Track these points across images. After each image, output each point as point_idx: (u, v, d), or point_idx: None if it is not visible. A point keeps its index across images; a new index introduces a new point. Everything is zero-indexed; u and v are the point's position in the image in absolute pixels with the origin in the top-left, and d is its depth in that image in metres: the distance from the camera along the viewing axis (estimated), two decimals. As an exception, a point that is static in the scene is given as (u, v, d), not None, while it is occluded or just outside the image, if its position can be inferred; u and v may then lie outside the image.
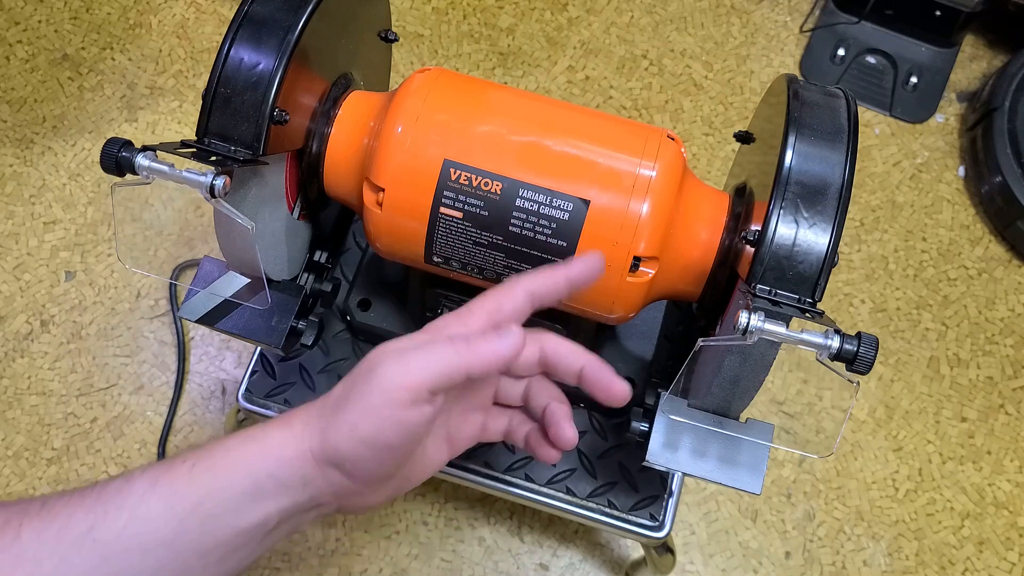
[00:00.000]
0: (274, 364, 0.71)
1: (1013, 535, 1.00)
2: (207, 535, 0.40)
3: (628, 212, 0.51)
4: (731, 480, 0.54)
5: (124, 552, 0.38)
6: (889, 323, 1.09)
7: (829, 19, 1.26)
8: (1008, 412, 1.05)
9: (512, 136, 0.53)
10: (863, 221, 1.15)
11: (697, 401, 0.55)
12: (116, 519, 0.38)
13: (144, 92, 1.18)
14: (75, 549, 0.38)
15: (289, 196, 0.58)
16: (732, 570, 0.97)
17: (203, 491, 0.40)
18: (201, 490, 0.40)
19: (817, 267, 0.46)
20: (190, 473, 0.40)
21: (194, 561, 0.40)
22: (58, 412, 1.00)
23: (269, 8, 0.51)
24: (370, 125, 0.56)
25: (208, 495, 0.40)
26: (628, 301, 0.54)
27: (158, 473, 0.40)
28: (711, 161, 1.18)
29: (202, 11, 1.24)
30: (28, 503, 0.39)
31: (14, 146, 1.14)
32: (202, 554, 0.40)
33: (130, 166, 0.47)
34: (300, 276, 0.65)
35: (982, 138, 1.15)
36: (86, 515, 0.38)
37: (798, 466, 1.02)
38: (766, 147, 0.54)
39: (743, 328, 0.44)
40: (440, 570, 0.96)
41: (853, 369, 0.44)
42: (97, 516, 0.38)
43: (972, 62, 1.27)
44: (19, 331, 1.04)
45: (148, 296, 1.06)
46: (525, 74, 1.22)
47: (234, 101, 0.49)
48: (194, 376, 1.03)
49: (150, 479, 0.40)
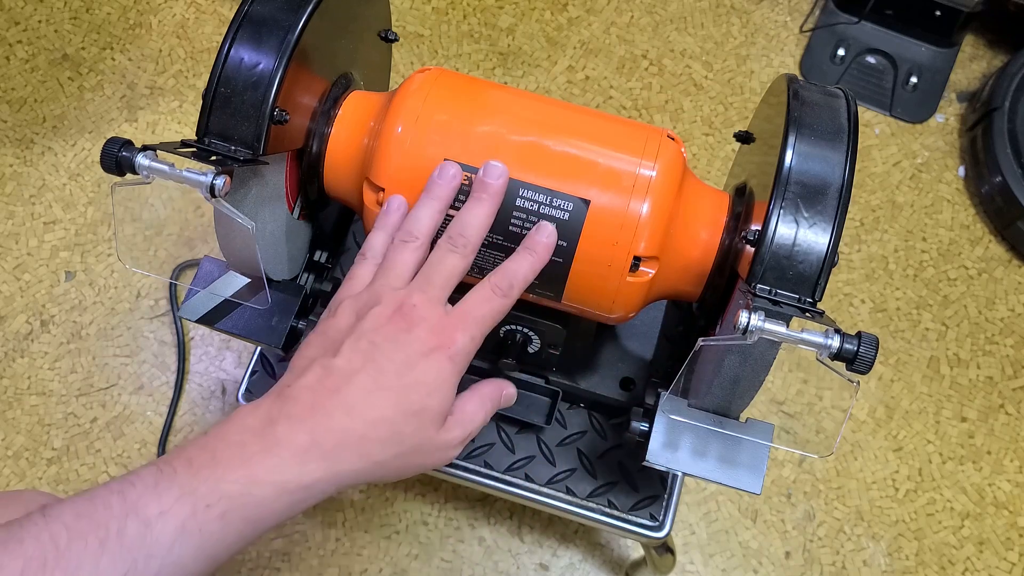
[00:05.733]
0: (274, 364, 0.71)
1: (1013, 535, 1.00)
2: (238, 551, 0.41)
3: (628, 212, 0.52)
4: (731, 480, 0.54)
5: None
6: (889, 323, 1.09)
7: (829, 19, 1.26)
8: (1008, 412, 1.05)
9: (512, 136, 0.53)
10: (863, 221, 1.15)
11: (697, 401, 0.55)
12: (146, 569, 0.38)
13: (144, 92, 1.18)
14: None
15: (289, 196, 0.58)
16: (732, 570, 0.97)
17: (235, 535, 0.40)
18: (233, 534, 0.40)
19: (817, 267, 0.46)
20: (222, 520, 0.40)
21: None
22: (58, 412, 1.00)
23: (269, 8, 0.51)
24: (370, 125, 0.56)
25: (241, 538, 0.41)
26: (628, 301, 0.54)
27: (183, 518, 0.39)
28: (711, 161, 1.18)
29: (202, 11, 1.24)
30: (44, 548, 0.37)
31: (14, 146, 1.14)
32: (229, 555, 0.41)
33: (130, 166, 0.47)
34: (300, 276, 0.65)
35: (982, 138, 1.15)
36: (113, 565, 0.38)
37: (798, 466, 1.02)
38: (766, 147, 0.54)
39: (743, 328, 0.44)
40: (440, 570, 0.96)
41: (853, 369, 0.44)
42: (127, 567, 0.38)
43: (972, 62, 1.27)
44: (19, 331, 1.04)
45: (148, 296, 1.06)
46: (525, 74, 1.22)
47: (234, 101, 0.49)
48: (194, 376, 1.03)
49: (176, 527, 0.39)
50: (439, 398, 0.45)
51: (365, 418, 0.43)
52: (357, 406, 0.43)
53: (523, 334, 0.63)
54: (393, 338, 0.45)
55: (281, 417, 0.42)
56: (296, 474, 0.41)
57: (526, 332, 0.63)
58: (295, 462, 0.41)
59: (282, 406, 0.43)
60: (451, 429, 0.47)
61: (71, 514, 0.38)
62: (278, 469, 0.41)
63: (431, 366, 0.45)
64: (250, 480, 0.40)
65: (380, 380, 0.44)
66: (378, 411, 0.44)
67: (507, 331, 0.63)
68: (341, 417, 0.43)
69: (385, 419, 0.44)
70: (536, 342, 0.64)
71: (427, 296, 0.47)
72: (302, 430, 0.42)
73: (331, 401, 0.43)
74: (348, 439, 0.43)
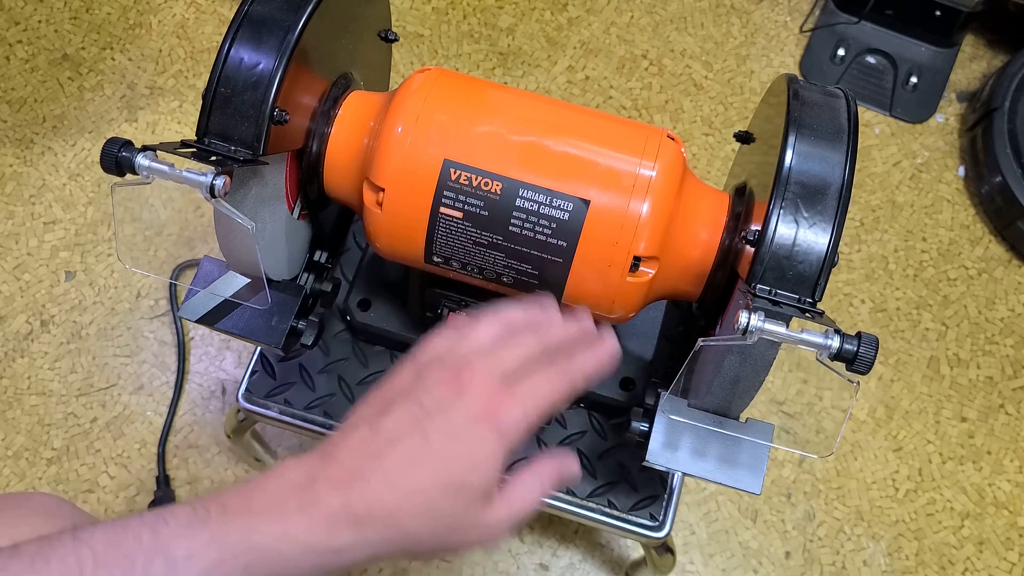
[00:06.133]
0: (274, 364, 0.71)
1: (1013, 535, 1.00)
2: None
3: (628, 212, 0.51)
4: (731, 480, 0.54)
5: None
6: (889, 323, 1.09)
7: (829, 19, 1.26)
8: (1008, 412, 1.05)
9: (512, 136, 0.53)
10: (863, 221, 1.15)
11: (697, 401, 0.55)
12: None
13: (144, 92, 1.18)
14: None
15: (289, 196, 0.58)
16: (732, 570, 0.97)
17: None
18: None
19: (817, 267, 0.46)
20: (246, 572, 0.39)
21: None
22: (58, 412, 1.00)
23: (269, 8, 0.51)
24: (370, 125, 0.56)
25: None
26: (628, 301, 0.54)
27: (209, 565, 0.38)
28: (711, 161, 1.18)
29: (202, 11, 1.24)
30: (70, 571, 0.37)
31: (14, 146, 1.14)
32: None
33: (130, 166, 0.47)
34: (300, 276, 0.65)
35: (982, 138, 1.15)
36: None
37: (798, 466, 1.02)
38: (766, 147, 0.54)
39: (743, 328, 0.44)
40: (440, 570, 0.96)
41: (853, 369, 0.44)
42: None
43: (972, 62, 1.27)
44: (19, 331, 1.04)
45: (148, 296, 1.06)
46: (525, 74, 1.22)
47: (234, 101, 0.49)
48: (194, 376, 1.03)
49: (201, 572, 0.38)
50: (482, 474, 0.42)
51: (402, 488, 0.41)
52: (395, 475, 0.42)
53: (523, 334, 0.63)
54: (443, 403, 0.43)
55: (321, 478, 0.41)
56: (325, 537, 0.40)
57: (526, 332, 0.63)
58: (326, 525, 0.41)
59: (324, 466, 0.42)
60: (497, 509, 0.44)
61: (101, 541, 0.38)
62: (309, 530, 0.40)
63: (477, 439, 0.42)
64: (281, 536, 0.40)
65: (423, 449, 0.42)
66: (416, 482, 0.42)
67: (507, 331, 0.63)
68: (378, 485, 0.41)
69: (422, 491, 0.42)
70: (536, 342, 0.63)
71: (489, 366, 0.44)
72: (338, 495, 0.41)
73: (371, 466, 0.42)
74: (381, 509, 0.41)
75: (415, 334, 0.69)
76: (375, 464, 0.42)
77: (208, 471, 0.98)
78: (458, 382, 0.43)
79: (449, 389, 0.43)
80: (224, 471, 0.98)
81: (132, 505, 0.96)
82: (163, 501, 0.94)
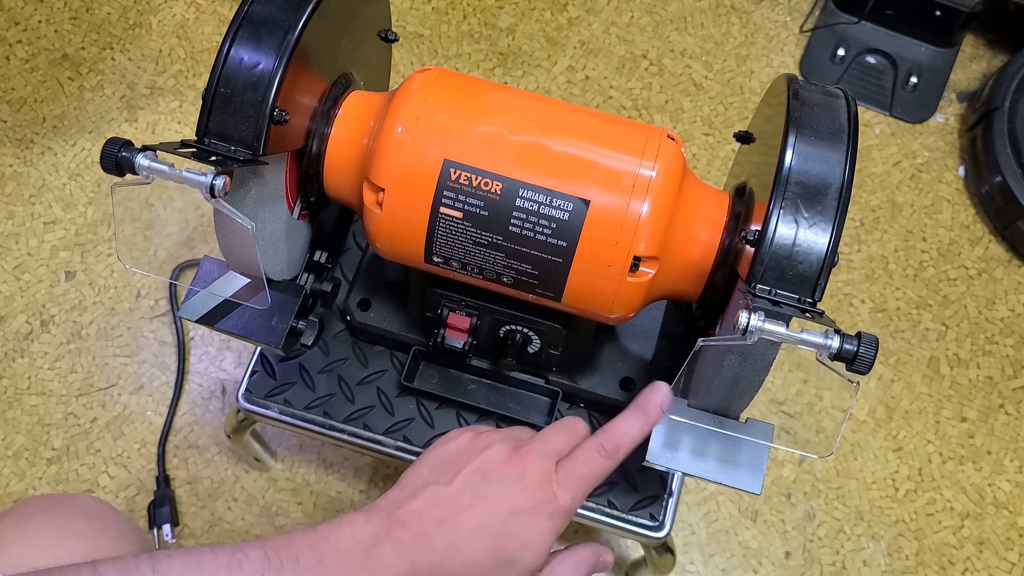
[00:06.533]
0: (274, 364, 0.71)
1: (1013, 535, 1.00)
2: None
3: (628, 212, 0.52)
4: (731, 480, 0.54)
5: None
6: (889, 323, 1.09)
7: (829, 19, 1.26)
8: (1008, 412, 1.05)
9: (512, 136, 0.53)
10: (863, 221, 1.15)
11: (697, 401, 0.55)
12: None
13: (144, 92, 1.18)
14: None
15: (289, 196, 0.58)
16: (732, 570, 0.97)
17: None
18: None
19: (817, 267, 0.46)
20: None
21: None
22: (58, 412, 1.00)
23: (269, 8, 0.51)
24: (370, 125, 0.56)
25: None
26: (628, 301, 0.54)
27: None
28: (711, 161, 1.18)
29: (202, 11, 1.24)
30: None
31: (14, 146, 1.14)
32: None
33: (130, 166, 0.47)
34: (300, 276, 0.65)
35: (982, 138, 1.15)
36: None
37: (798, 466, 1.02)
38: (766, 147, 0.54)
39: (743, 328, 0.44)
40: None
41: (853, 369, 0.44)
42: None
43: (972, 62, 1.27)
44: (19, 331, 1.04)
45: (148, 296, 1.06)
46: (525, 74, 1.22)
47: (234, 101, 0.49)
48: (194, 376, 1.03)
49: None
50: (532, 554, 0.46)
51: (462, 557, 0.45)
52: (458, 543, 0.45)
53: (523, 334, 0.63)
54: (505, 481, 0.47)
55: (388, 540, 0.44)
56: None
57: (526, 332, 0.63)
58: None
59: (391, 528, 0.45)
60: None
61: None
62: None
63: (533, 521, 0.46)
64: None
65: (485, 523, 0.46)
66: (475, 553, 0.45)
67: (507, 331, 0.63)
68: (441, 551, 0.45)
69: (478, 563, 0.45)
70: (536, 342, 0.64)
71: (542, 450, 0.49)
72: (405, 559, 0.44)
73: (435, 532, 0.45)
74: (441, 574, 0.45)
75: (415, 334, 0.69)
76: (441, 531, 0.45)
77: (208, 471, 0.98)
78: (520, 463, 0.47)
79: (511, 469, 0.47)
80: (224, 471, 0.98)
81: (132, 505, 0.96)
82: (163, 501, 0.94)
